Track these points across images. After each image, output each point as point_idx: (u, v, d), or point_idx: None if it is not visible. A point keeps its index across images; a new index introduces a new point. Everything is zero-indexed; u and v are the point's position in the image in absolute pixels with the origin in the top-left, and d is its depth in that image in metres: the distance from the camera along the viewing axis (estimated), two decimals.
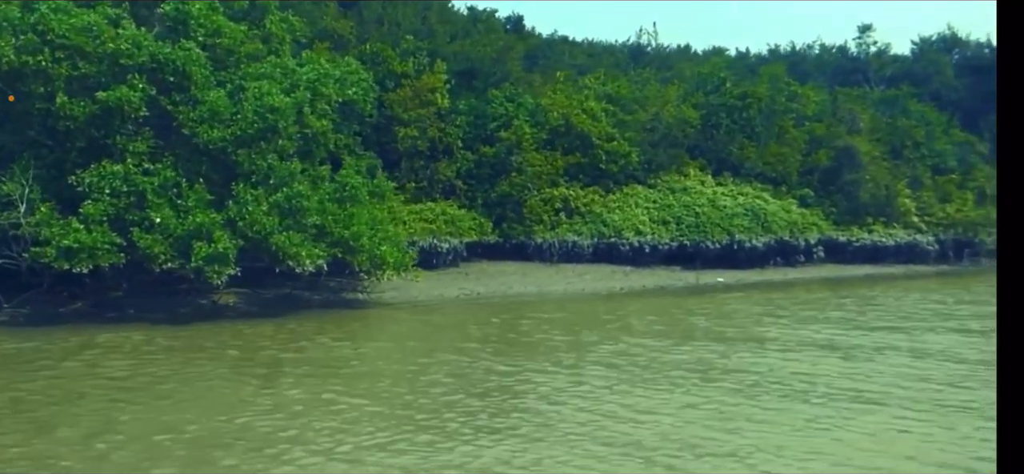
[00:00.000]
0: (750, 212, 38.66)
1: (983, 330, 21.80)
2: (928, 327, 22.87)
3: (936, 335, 21.49)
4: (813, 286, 35.37)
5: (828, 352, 19.01)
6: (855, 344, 19.97)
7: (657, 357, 18.10)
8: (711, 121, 42.50)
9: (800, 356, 18.60)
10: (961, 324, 23.42)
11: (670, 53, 56.08)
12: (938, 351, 19.08)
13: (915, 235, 42.48)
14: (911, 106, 49.27)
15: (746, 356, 18.39)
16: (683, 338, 20.97)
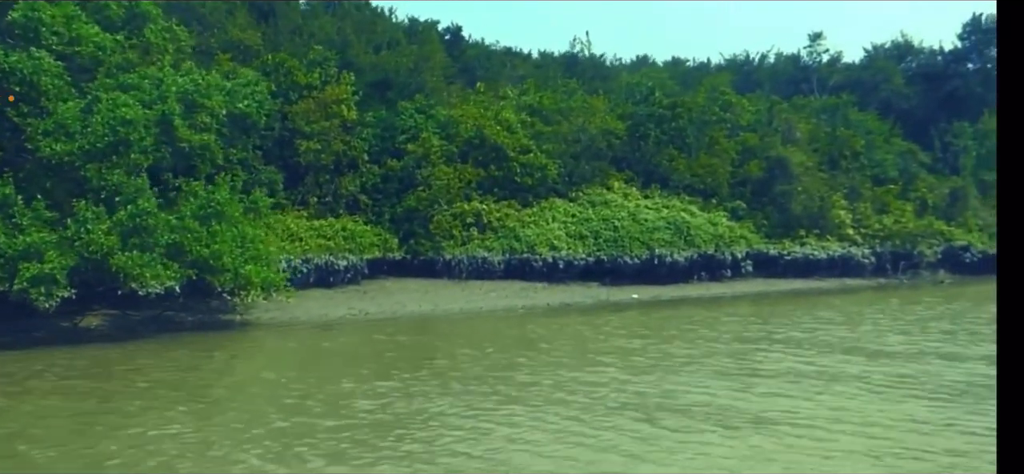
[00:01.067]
0: (672, 226, 37.48)
1: (870, 351, 20.62)
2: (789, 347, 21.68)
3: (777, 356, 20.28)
4: (731, 302, 34.18)
5: (664, 371, 17.76)
6: (695, 362, 18.74)
7: (513, 377, 16.83)
8: (639, 132, 41.38)
9: (641, 375, 17.35)
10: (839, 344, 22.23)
11: (605, 63, 54.90)
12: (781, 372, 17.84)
13: (850, 248, 41.33)
14: (851, 115, 48.23)
15: (585, 374, 17.14)
16: (556, 357, 19.74)
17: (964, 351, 20.36)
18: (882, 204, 43.38)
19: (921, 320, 26.83)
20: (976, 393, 15.41)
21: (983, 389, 15.58)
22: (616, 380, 17.05)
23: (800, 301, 34.47)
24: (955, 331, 24.14)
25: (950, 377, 17.05)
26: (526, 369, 18.51)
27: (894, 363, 18.80)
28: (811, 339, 22.80)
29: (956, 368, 18.01)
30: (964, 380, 16.66)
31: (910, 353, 20.34)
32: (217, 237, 23.97)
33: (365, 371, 18.92)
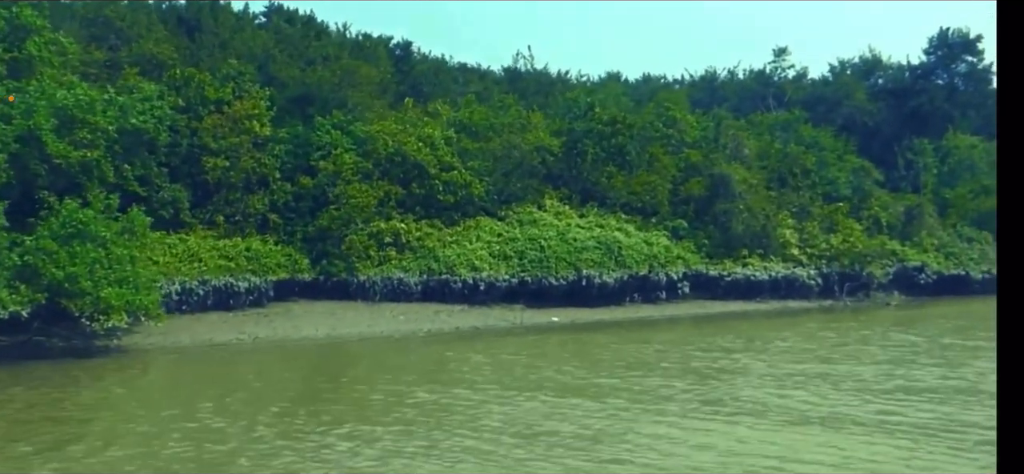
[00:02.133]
0: (602, 245, 36.04)
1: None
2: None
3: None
4: (659, 325, 32.69)
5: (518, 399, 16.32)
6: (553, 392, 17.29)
7: (354, 410, 15.44)
8: (576, 149, 40.02)
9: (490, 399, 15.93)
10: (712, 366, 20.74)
11: (551, 78, 53.60)
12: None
13: (794, 269, 39.79)
14: (804, 131, 46.79)
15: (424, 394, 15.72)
16: (432, 384, 18.34)
17: (836, 395, 18.86)
18: (831, 223, 41.84)
19: (814, 349, 25.27)
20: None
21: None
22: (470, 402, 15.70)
23: (729, 325, 32.93)
24: (852, 363, 22.63)
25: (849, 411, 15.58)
26: (378, 399, 17.13)
27: (735, 392, 17.33)
28: (697, 369, 21.31)
29: (823, 405, 16.52)
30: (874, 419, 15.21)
31: (775, 378, 18.85)
32: (76, 259, 22.69)
33: (208, 403, 17.47)
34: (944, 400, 16.62)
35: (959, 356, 22.95)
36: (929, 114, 54.79)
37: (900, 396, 17.06)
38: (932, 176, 49.58)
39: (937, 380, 19.00)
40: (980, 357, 21.97)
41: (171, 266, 28.81)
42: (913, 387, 18.10)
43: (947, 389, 17.85)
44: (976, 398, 16.62)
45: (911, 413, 15.41)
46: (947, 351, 24.09)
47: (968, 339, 26.50)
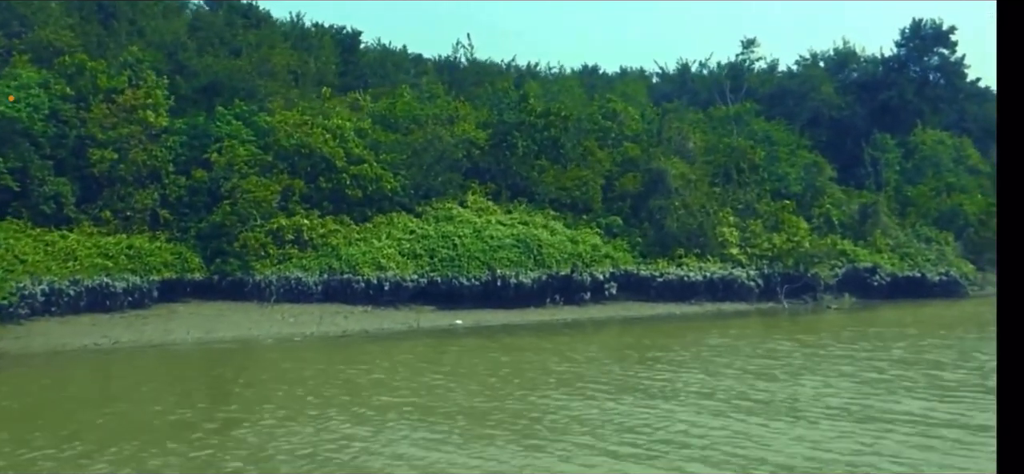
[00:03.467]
0: (521, 244, 34.16)
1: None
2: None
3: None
4: (574, 329, 30.79)
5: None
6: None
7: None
8: (505, 142, 38.17)
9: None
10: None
11: (497, 69, 51.67)
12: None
13: (732, 269, 37.72)
14: (756, 125, 44.63)
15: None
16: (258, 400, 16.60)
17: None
18: (776, 221, 39.72)
19: (705, 361, 23.29)
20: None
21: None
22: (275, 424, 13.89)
23: (654, 328, 31.07)
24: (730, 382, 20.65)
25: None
26: (165, 421, 15.37)
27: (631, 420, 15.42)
28: (593, 383, 19.41)
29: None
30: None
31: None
32: None
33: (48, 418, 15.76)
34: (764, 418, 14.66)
35: (818, 367, 20.93)
36: (898, 108, 52.50)
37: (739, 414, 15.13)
38: (894, 173, 47.33)
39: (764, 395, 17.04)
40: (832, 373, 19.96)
41: (41, 265, 27.18)
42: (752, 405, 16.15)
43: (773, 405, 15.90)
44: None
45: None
46: (820, 363, 22.06)
47: (869, 351, 24.46)
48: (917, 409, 15.67)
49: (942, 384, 18.64)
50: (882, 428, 14.12)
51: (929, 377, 19.56)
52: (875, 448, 12.86)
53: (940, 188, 46.20)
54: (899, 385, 18.44)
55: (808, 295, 39.12)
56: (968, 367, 21.03)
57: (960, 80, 55.03)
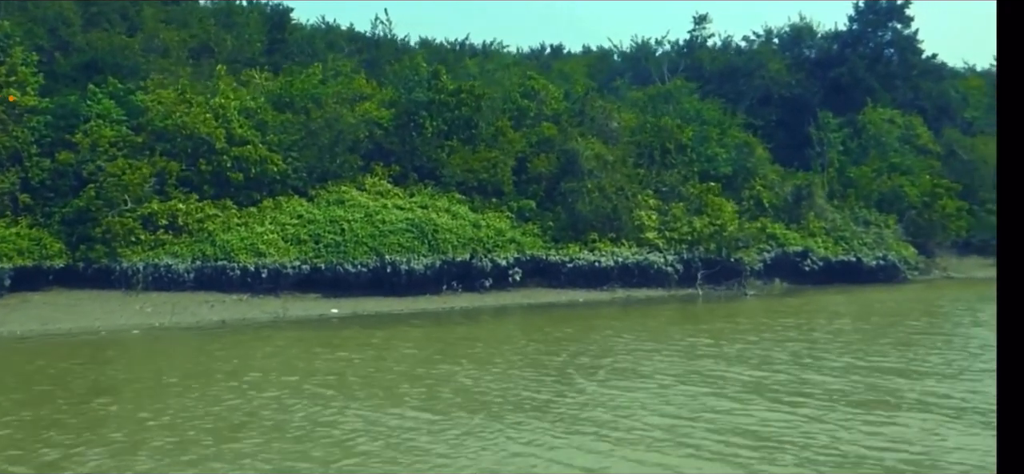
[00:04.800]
0: (416, 228, 32.34)
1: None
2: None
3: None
4: (464, 318, 29.01)
5: None
6: None
7: None
8: (412, 122, 36.31)
9: None
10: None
11: (411, 46, 49.70)
12: None
13: (648, 254, 35.80)
14: (687, 103, 42.57)
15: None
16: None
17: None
18: (700, 204, 37.74)
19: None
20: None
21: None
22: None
23: (553, 316, 29.31)
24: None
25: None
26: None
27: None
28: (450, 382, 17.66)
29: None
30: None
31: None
32: None
33: None
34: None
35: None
36: (850, 86, 50.25)
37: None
38: (837, 153, 45.21)
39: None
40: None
41: None
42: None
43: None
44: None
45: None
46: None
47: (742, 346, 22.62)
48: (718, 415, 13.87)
49: (763, 385, 16.81)
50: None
51: (756, 378, 17.73)
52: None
53: (883, 169, 44.07)
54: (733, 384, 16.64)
55: (734, 281, 37.13)
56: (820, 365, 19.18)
57: (914, 56, 52.71)
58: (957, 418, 14.09)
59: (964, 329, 25.16)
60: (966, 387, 16.33)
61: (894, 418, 14.09)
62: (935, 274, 44.63)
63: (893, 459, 11.98)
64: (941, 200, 43.37)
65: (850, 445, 12.52)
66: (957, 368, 18.41)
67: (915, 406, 14.97)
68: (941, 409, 14.67)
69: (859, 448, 12.37)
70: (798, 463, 11.82)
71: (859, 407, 14.81)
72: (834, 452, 12.21)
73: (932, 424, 13.71)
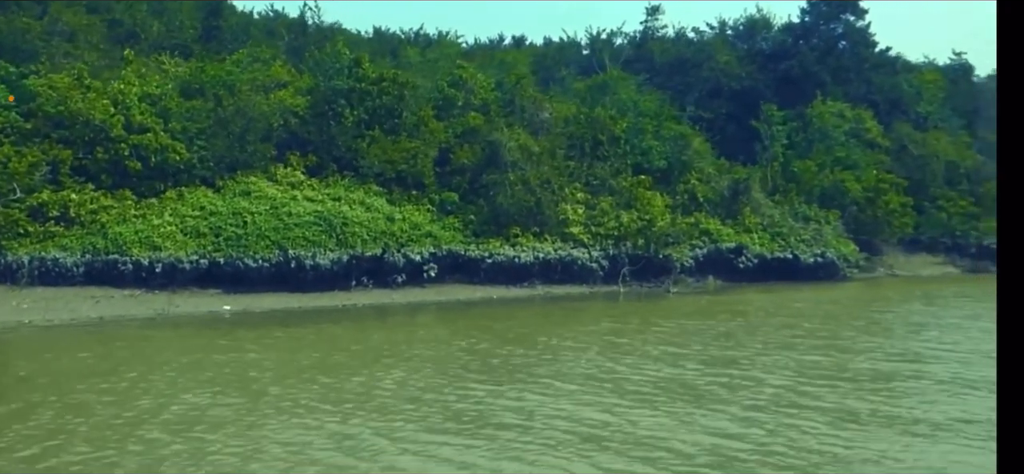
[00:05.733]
0: (324, 221, 31.10)
1: None
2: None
3: None
4: (370, 315, 27.81)
5: None
6: None
7: None
8: (331, 110, 35.05)
9: None
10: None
11: (353, 33, 48.45)
12: None
13: (573, 250, 34.65)
14: (623, 94, 41.36)
15: None
16: None
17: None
18: (630, 198, 36.59)
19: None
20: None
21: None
22: None
23: (458, 315, 28.19)
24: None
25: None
26: None
27: None
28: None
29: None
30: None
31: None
32: None
33: None
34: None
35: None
36: (800, 79, 49.19)
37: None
38: (782, 146, 44.11)
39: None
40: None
41: None
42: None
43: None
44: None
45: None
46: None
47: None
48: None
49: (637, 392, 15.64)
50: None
51: (613, 383, 16.56)
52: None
53: (828, 163, 42.99)
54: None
55: (665, 278, 36.03)
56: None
57: (867, 49, 51.65)
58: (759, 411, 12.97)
59: (856, 338, 24.05)
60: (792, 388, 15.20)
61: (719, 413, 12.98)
62: (880, 272, 43.68)
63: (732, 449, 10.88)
64: (885, 196, 42.29)
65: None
66: (809, 373, 17.29)
67: (754, 407, 13.83)
68: (760, 407, 13.53)
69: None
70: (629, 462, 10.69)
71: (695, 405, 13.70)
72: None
73: (740, 426, 12.60)
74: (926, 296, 33.95)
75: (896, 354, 19.80)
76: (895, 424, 13.34)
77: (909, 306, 30.88)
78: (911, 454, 11.91)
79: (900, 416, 13.81)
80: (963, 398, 15.09)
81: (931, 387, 16.07)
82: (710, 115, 49.03)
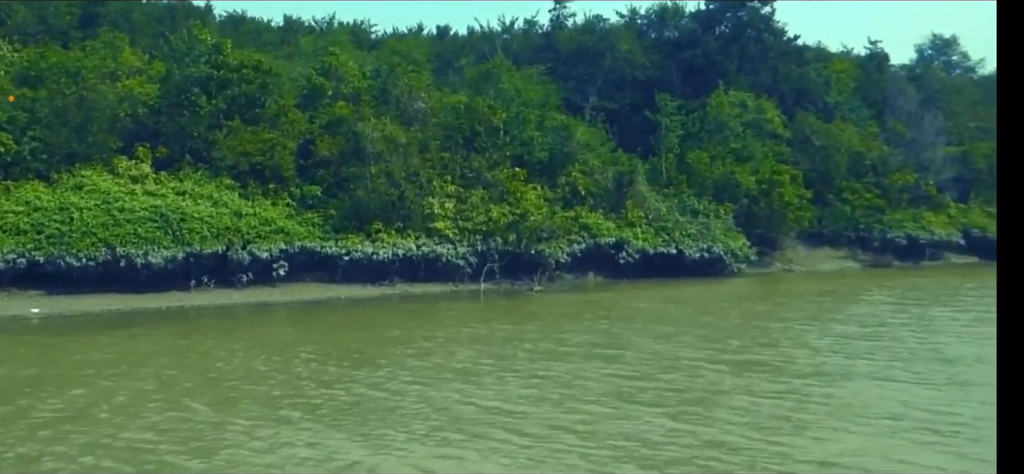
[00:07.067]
0: (160, 217, 29.34)
1: None
2: None
3: None
4: (202, 318, 26.12)
5: None
6: None
7: None
8: (186, 99, 33.21)
9: None
10: None
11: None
12: None
13: (437, 246, 33.15)
14: (508, 83, 39.84)
15: None
16: None
17: None
18: (504, 192, 35.15)
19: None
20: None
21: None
22: None
23: (302, 315, 26.67)
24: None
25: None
26: None
27: None
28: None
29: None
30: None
31: None
32: None
33: None
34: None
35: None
36: (704, 68, 47.98)
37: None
38: (676, 138, 42.87)
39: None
40: None
41: None
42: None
43: None
44: None
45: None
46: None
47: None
48: None
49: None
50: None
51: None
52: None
53: (722, 155, 41.79)
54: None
55: (541, 275, 34.64)
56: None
57: (775, 37, 50.54)
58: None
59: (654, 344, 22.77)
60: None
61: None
62: (776, 267, 42.68)
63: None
64: (780, 188, 41.16)
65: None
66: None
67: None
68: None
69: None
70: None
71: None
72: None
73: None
74: (804, 294, 32.86)
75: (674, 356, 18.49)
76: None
77: (768, 302, 29.76)
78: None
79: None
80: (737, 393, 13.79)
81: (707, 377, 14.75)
82: (614, 106, 47.72)
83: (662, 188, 40.56)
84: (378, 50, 49.23)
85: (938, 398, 14.45)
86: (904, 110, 51.45)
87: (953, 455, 11.34)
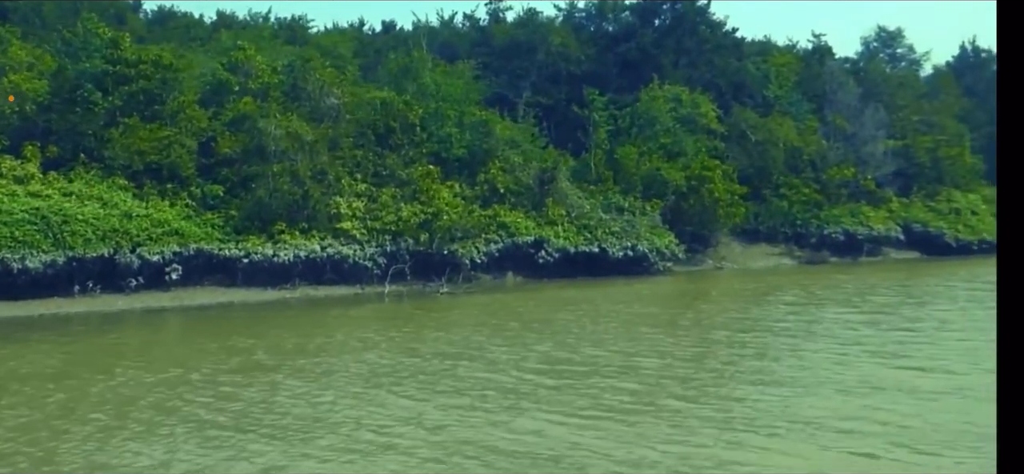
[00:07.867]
0: (41, 220, 27.90)
1: None
2: None
3: None
4: (78, 326, 24.73)
5: None
6: None
7: None
8: (76, 96, 31.76)
9: None
10: None
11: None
12: None
13: (343, 247, 31.90)
14: (427, 77, 38.64)
15: None
16: None
17: None
18: (416, 191, 33.96)
19: None
20: None
21: None
22: None
23: (196, 321, 25.34)
24: None
25: None
26: None
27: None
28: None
29: None
30: None
31: None
32: None
33: None
34: None
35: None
36: (639, 62, 47.02)
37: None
38: (605, 133, 41.86)
39: None
40: None
41: None
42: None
43: None
44: None
45: None
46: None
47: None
48: None
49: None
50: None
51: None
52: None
53: (651, 150, 40.80)
54: None
55: (453, 275, 33.48)
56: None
57: (711, 31, 49.66)
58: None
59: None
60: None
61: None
62: (707, 265, 41.78)
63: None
64: (710, 184, 40.23)
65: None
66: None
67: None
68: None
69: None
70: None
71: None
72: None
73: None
74: (715, 295, 31.96)
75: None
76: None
77: (688, 301, 28.80)
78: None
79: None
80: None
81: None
82: (549, 101, 46.72)
83: (590, 185, 39.54)
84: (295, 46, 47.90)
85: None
86: (844, 104, 50.68)
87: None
